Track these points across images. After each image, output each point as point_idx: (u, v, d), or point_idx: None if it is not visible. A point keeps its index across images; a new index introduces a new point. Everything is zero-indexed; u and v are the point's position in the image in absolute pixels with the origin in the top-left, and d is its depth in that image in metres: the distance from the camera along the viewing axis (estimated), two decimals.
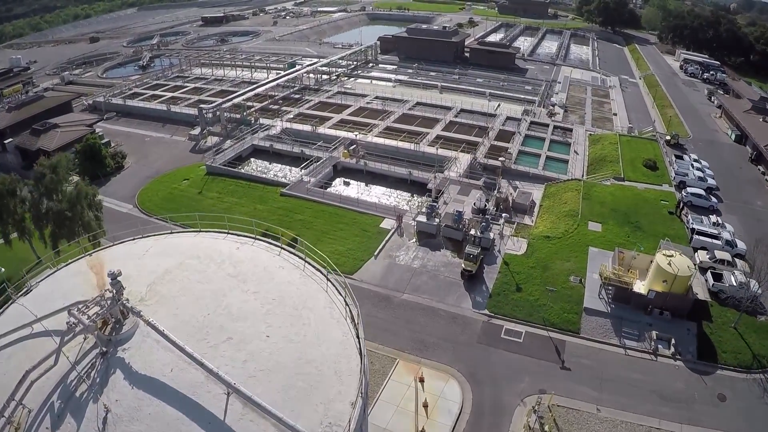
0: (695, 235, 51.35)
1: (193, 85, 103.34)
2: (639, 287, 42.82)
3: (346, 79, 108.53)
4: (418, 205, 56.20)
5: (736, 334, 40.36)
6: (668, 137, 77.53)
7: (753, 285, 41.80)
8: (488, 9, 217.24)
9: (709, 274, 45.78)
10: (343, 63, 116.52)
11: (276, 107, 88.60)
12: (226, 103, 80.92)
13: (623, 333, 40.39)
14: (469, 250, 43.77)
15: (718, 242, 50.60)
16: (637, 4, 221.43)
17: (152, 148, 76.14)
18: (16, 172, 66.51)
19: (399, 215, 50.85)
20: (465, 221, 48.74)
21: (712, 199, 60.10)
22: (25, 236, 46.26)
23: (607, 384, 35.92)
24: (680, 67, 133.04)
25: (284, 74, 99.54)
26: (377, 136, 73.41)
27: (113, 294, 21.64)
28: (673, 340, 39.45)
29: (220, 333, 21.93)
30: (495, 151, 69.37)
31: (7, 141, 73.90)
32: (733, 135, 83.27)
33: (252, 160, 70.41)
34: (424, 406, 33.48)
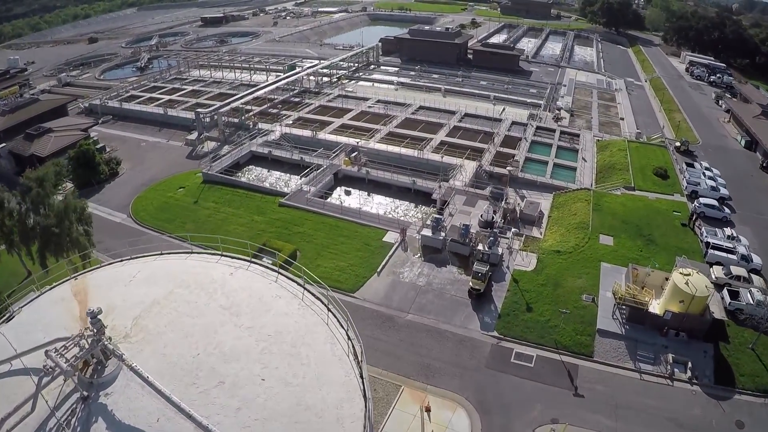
0: (710, 250, 49.35)
1: (191, 88, 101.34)
2: (654, 306, 40.93)
3: (347, 81, 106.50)
4: (422, 216, 54.18)
5: (754, 356, 38.52)
6: (678, 143, 75.54)
7: None
8: (490, 10, 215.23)
9: (725, 291, 43.83)
10: (344, 65, 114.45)
11: (275, 111, 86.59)
12: (224, 107, 78.88)
13: (638, 356, 38.53)
14: (477, 268, 41.76)
15: (734, 257, 48.54)
16: (640, 4, 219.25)
17: (148, 153, 74.16)
18: (10, 178, 64.79)
19: (403, 228, 48.83)
20: (472, 235, 46.74)
21: (725, 209, 58.09)
22: (14, 249, 44.43)
23: (622, 411, 34.07)
24: (686, 69, 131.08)
25: (284, 77, 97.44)
26: (379, 142, 71.38)
27: (94, 333, 19.89)
28: (689, 364, 37.67)
29: (212, 376, 20.08)
30: (501, 158, 67.34)
31: (0, 146, 71.98)
32: (742, 141, 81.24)
33: (250, 167, 68.34)
34: None
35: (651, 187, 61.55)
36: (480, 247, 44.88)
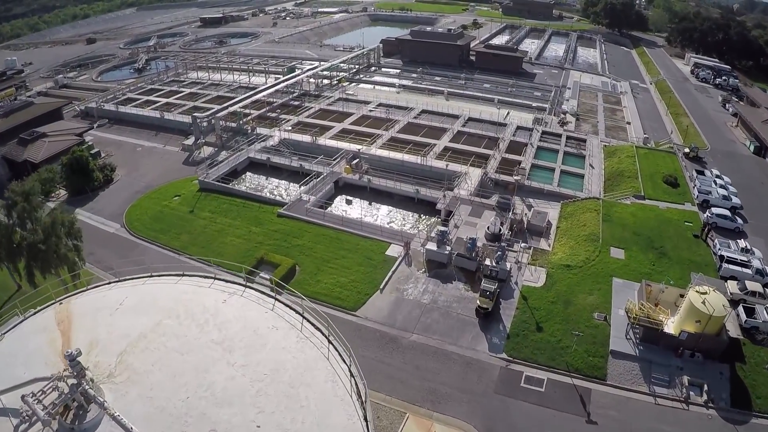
0: (724, 264, 47.49)
1: (188, 90, 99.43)
2: (669, 326, 39.16)
3: (347, 84, 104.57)
4: (426, 228, 52.30)
5: None
6: (687, 149, 73.64)
7: None
8: (492, 10, 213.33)
9: (740, 308, 42.07)
10: (345, 67, 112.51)
11: (274, 115, 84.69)
12: (221, 111, 76.95)
13: (653, 378, 36.78)
14: (485, 285, 39.88)
15: (749, 271, 46.72)
16: (641, 4, 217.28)
17: (144, 158, 72.29)
18: (2, 184, 62.93)
19: (407, 242, 46.87)
20: (478, 249, 44.87)
21: (738, 220, 56.25)
22: (2, 264, 42.59)
23: None
24: (691, 71, 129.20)
25: (283, 80, 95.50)
26: (381, 148, 69.45)
27: (74, 375, 18.25)
28: (705, 387, 35.98)
29: (202, 423, 18.34)
30: (506, 164, 65.51)
31: None
32: (751, 146, 79.45)
33: (248, 174, 66.40)
34: None
35: (661, 196, 59.72)
36: (487, 261, 43.01)
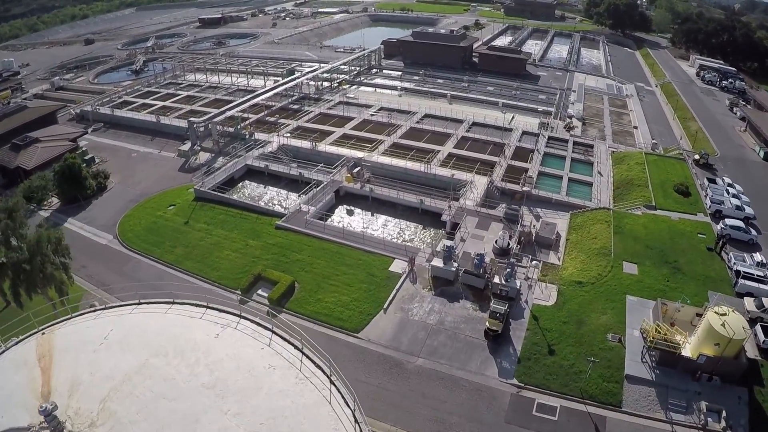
0: (740, 279, 45.50)
1: (185, 93, 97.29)
2: (686, 348, 37.20)
3: (348, 86, 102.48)
4: (431, 242, 50.14)
5: None
6: (697, 156, 71.64)
7: None
8: (494, 11, 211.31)
9: (758, 327, 40.06)
10: (345, 69, 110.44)
11: (273, 119, 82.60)
12: (219, 116, 74.89)
13: (670, 404, 34.94)
14: (495, 307, 37.88)
15: (766, 287, 44.75)
16: (643, 5, 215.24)
17: (139, 165, 70.24)
18: None
19: (411, 257, 44.80)
20: (486, 265, 42.84)
21: (752, 231, 54.18)
22: None
23: None
24: (696, 73, 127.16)
25: (282, 82, 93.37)
26: (383, 154, 67.33)
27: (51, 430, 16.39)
28: (723, 413, 34.10)
29: None
30: (513, 172, 63.54)
31: None
32: (761, 152, 77.48)
33: (245, 182, 64.34)
34: None
35: (673, 206, 57.72)
36: (496, 279, 41.01)
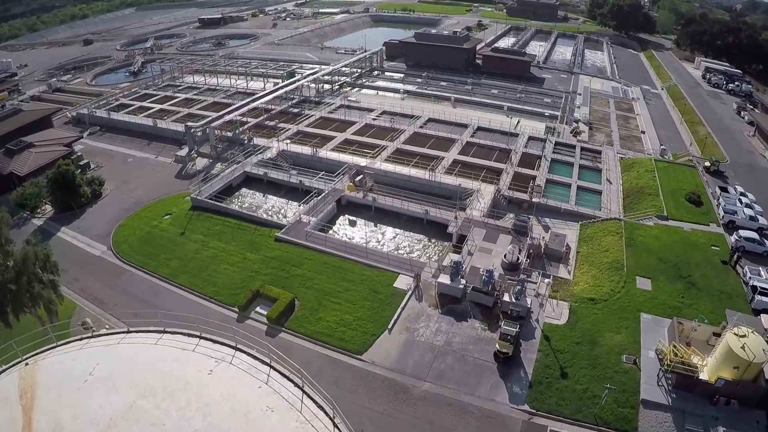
0: (757, 296, 43.69)
1: (183, 96, 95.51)
2: (703, 370, 35.51)
3: (349, 89, 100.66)
4: (437, 257, 48.20)
5: None
6: (707, 163, 69.79)
7: None
8: (496, 11, 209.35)
9: None
10: (347, 71, 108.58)
11: (272, 123, 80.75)
12: (217, 120, 73.05)
13: (687, 431, 33.10)
14: (506, 329, 36.06)
15: None
16: (646, 6, 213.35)
17: (135, 171, 68.45)
18: None
19: (417, 273, 42.91)
20: (495, 282, 41.00)
21: (767, 243, 52.33)
22: None
23: None
24: (702, 76, 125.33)
25: (282, 85, 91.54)
26: (386, 161, 65.39)
27: None
28: None
29: None
30: (520, 180, 61.68)
31: None
32: None
33: (243, 190, 62.46)
34: None
35: (685, 216, 55.89)
36: (506, 297, 39.19)
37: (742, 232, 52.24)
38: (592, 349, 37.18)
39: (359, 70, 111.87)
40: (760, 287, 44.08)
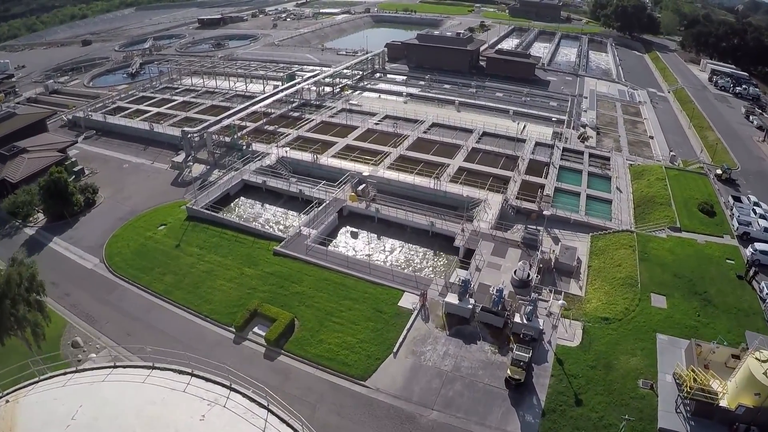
0: None
1: (181, 99, 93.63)
2: (722, 393, 33.77)
3: (350, 92, 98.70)
4: (444, 272, 46.01)
5: None
6: (719, 171, 67.86)
7: None
8: (498, 11, 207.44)
9: None
10: (348, 73, 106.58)
11: (272, 128, 78.78)
12: (214, 124, 71.11)
13: None
14: (519, 355, 34.13)
15: None
16: (648, 6, 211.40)
17: (130, 177, 66.54)
18: None
19: (423, 292, 40.87)
20: (506, 301, 39.02)
21: None
22: None
23: None
24: (709, 79, 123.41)
25: (282, 88, 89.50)
26: (389, 168, 63.44)
27: None
28: None
29: None
30: (528, 189, 59.77)
31: None
32: None
33: (241, 199, 60.47)
34: None
35: (698, 227, 54.00)
36: (517, 318, 37.29)
37: (758, 245, 50.37)
38: (607, 374, 35.31)
39: (361, 72, 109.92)
40: None
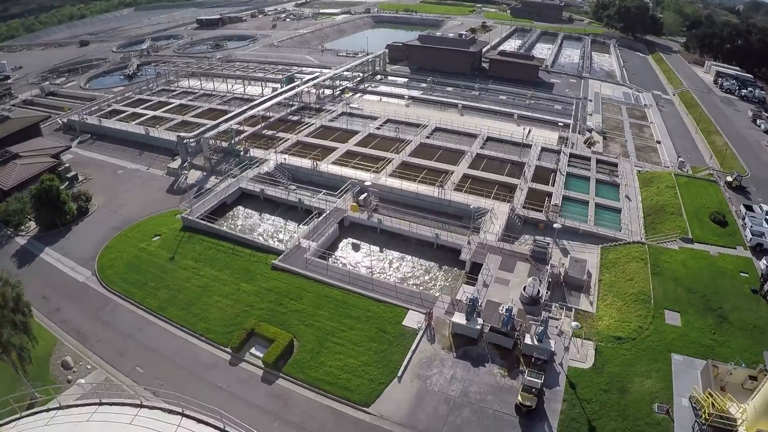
0: None
1: (178, 102, 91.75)
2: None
3: (351, 95, 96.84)
4: (450, 289, 44.18)
5: None
6: (729, 178, 66.08)
7: None
8: (499, 12, 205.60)
9: None
10: (348, 75, 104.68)
11: (270, 133, 76.90)
12: (212, 129, 69.26)
13: None
14: (530, 380, 32.39)
15: None
16: (650, 7, 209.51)
17: (125, 183, 64.75)
18: None
19: (429, 311, 39.04)
20: (516, 320, 37.20)
21: None
22: None
23: None
24: (714, 81, 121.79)
25: (281, 91, 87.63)
26: (391, 176, 61.55)
27: None
28: None
29: None
30: (534, 197, 57.99)
31: None
32: None
33: (239, 208, 58.58)
34: None
35: (710, 238, 52.25)
36: (527, 339, 35.49)
37: None
38: (621, 398, 33.59)
39: (361, 75, 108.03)
40: None
